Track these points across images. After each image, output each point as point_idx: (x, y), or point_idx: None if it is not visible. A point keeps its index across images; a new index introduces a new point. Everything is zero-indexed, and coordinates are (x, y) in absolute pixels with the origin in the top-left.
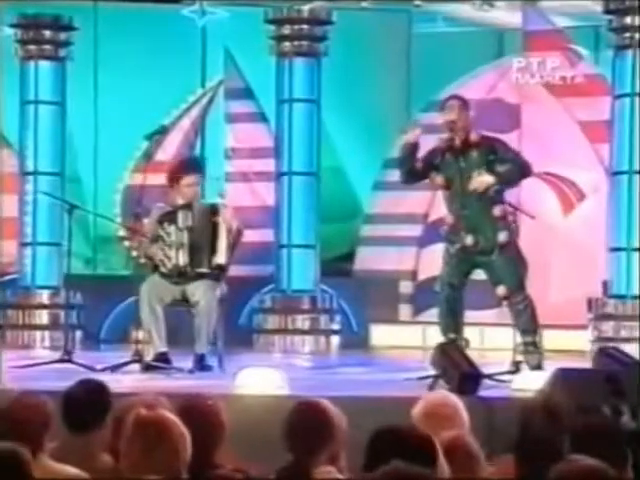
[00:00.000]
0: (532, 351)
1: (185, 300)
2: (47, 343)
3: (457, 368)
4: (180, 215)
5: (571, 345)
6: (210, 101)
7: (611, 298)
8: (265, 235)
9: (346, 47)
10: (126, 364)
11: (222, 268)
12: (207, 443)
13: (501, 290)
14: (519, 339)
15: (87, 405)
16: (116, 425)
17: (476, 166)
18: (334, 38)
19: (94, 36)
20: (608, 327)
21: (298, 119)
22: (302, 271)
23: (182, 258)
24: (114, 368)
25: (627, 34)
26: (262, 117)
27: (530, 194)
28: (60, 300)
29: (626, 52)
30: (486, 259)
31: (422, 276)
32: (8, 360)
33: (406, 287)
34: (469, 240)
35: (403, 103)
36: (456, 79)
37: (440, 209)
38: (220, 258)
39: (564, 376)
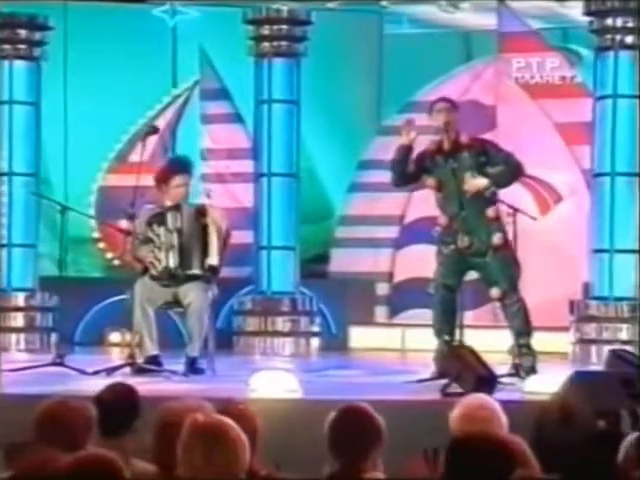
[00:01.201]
0: (526, 353)
1: (177, 302)
2: (22, 346)
3: (472, 371)
4: (169, 216)
5: (551, 347)
6: (185, 102)
7: (593, 300)
8: (242, 236)
9: (318, 48)
10: (120, 367)
11: (215, 270)
12: None
13: (495, 292)
14: (513, 341)
15: (117, 409)
16: (162, 431)
17: (468, 168)
18: None
19: (64, 36)
20: (590, 329)
21: (277, 120)
22: (282, 273)
23: (172, 260)
24: (109, 371)
25: (608, 35)
26: (238, 118)
27: (506, 196)
28: (35, 302)
29: (607, 54)
30: (480, 260)
31: (398, 278)
32: None
33: (382, 289)
34: (464, 241)
35: (375, 104)
36: (429, 80)
37: (416, 211)
38: (213, 260)
39: (579, 379)
